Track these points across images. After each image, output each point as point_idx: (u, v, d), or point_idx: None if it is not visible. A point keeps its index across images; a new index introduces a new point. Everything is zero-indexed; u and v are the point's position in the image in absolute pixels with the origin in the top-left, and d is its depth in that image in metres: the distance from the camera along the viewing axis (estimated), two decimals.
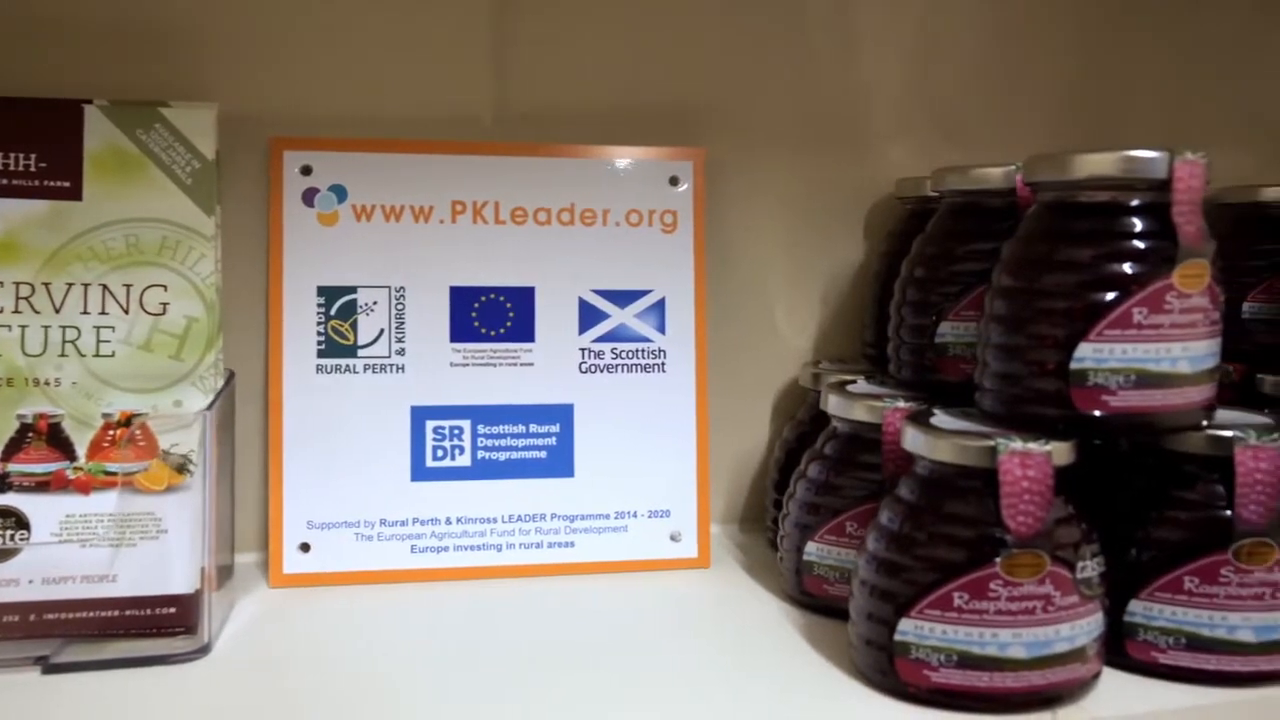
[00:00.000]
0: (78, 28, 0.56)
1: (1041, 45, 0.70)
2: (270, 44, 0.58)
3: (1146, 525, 0.46)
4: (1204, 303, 0.42)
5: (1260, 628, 0.44)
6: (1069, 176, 0.43)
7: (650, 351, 0.60)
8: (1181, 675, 0.45)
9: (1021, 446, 0.41)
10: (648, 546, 0.60)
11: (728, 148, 0.64)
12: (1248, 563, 0.44)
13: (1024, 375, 0.43)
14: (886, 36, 0.67)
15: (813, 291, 0.68)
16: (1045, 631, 0.41)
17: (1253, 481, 0.43)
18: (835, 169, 0.67)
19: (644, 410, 0.60)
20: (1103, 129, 0.72)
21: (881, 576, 0.44)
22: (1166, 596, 0.45)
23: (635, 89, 0.63)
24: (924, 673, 0.42)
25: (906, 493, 0.44)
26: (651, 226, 0.60)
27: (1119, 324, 0.41)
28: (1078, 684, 0.43)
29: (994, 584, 0.41)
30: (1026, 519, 0.41)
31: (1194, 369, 0.42)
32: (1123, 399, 0.41)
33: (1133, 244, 0.42)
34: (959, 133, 0.69)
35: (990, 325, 0.44)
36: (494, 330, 0.58)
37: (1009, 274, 0.44)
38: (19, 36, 0.55)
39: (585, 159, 0.60)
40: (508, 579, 0.58)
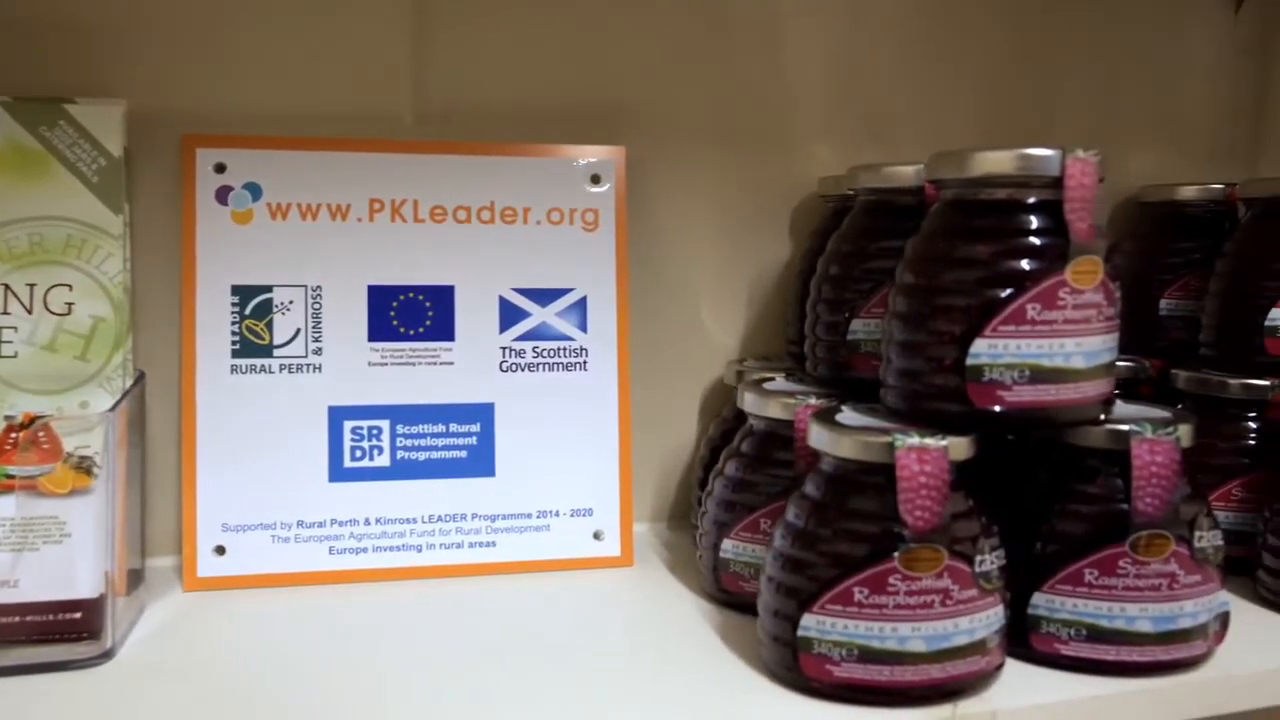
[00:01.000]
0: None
1: (967, 45, 0.71)
2: (184, 39, 0.57)
3: (1048, 519, 0.47)
4: (1098, 299, 0.42)
5: (1158, 618, 0.45)
6: (967, 174, 0.44)
7: (572, 350, 0.60)
8: (1083, 666, 0.46)
9: (918, 442, 0.41)
10: (570, 545, 0.60)
11: (651, 146, 0.64)
12: (1145, 555, 0.45)
13: (924, 371, 0.43)
14: (811, 35, 0.67)
15: (739, 289, 0.68)
16: (944, 625, 0.42)
17: (1149, 475, 0.44)
18: (761, 167, 0.67)
19: (565, 409, 0.60)
20: (1028, 129, 0.73)
21: (786, 573, 0.44)
22: (1067, 589, 0.46)
23: (557, 87, 0.63)
24: (826, 667, 0.42)
25: (812, 489, 0.45)
26: (573, 225, 0.60)
27: (1013, 320, 0.41)
28: (978, 676, 0.43)
29: (893, 579, 0.41)
30: (923, 514, 0.41)
31: (1089, 364, 0.43)
32: (1018, 394, 0.42)
33: (1027, 241, 0.42)
34: (885, 132, 0.70)
35: (893, 322, 0.45)
36: (413, 329, 0.58)
37: (910, 271, 0.44)
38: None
39: (506, 157, 0.60)
40: (428, 580, 0.57)
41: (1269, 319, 0.60)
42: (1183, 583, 0.45)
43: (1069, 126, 0.74)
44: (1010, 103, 0.73)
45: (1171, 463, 0.44)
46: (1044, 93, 0.73)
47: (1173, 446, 0.44)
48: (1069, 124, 0.74)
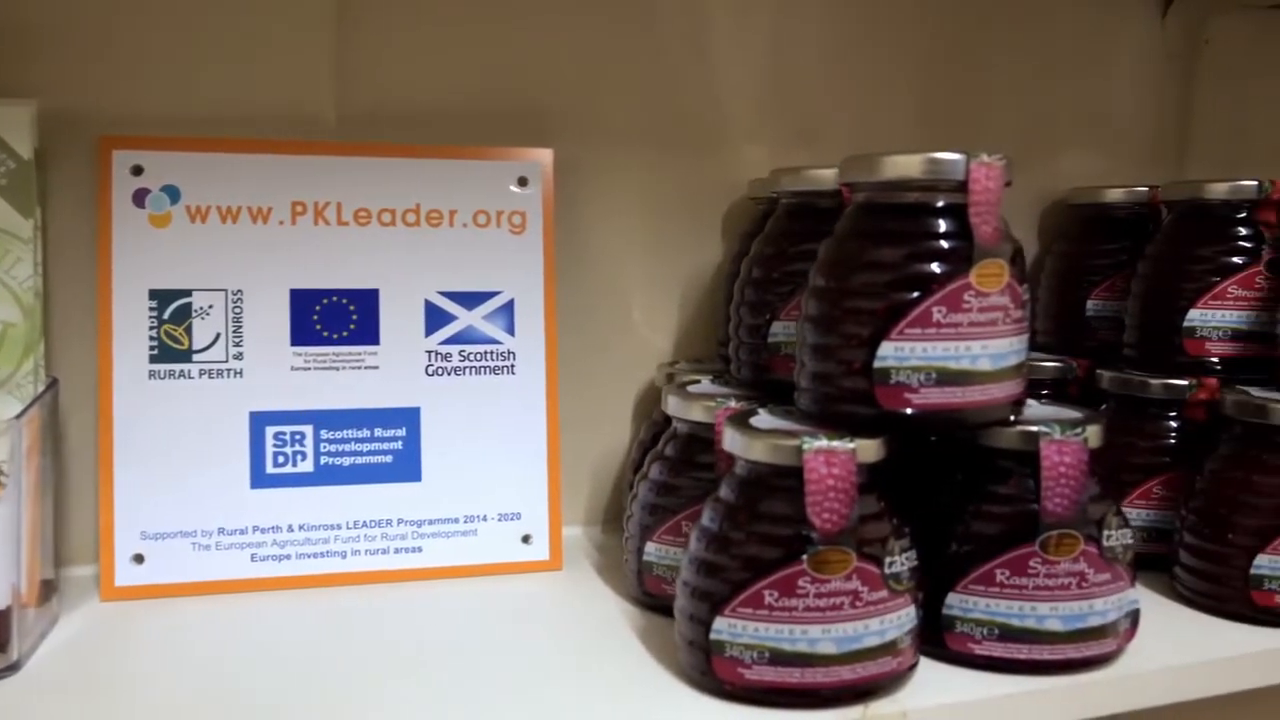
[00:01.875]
0: None
1: (897, 47, 0.72)
2: (99, 39, 0.56)
3: (962, 520, 0.47)
4: (1004, 301, 0.43)
5: (1068, 617, 0.46)
6: (877, 178, 0.44)
7: (499, 354, 0.60)
8: (996, 665, 0.46)
9: (825, 445, 0.41)
10: (498, 550, 0.59)
11: (580, 148, 0.64)
12: (1054, 554, 0.45)
13: (834, 374, 0.44)
14: (740, 37, 0.68)
15: (671, 292, 0.68)
16: (854, 626, 0.42)
17: (1057, 475, 0.45)
18: (692, 169, 0.67)
19: (493, 413, 0.59)
20: (958, 131, 0.74)
21: (700, 577, 0.44)
22: (980, 589, 0.46)
23: (484, 89, 0.62)
24: (739, 670, 0.43)
25: (726, 493, 0.45)
26: (500, 227, 0.60)
27: (919, 323, 0.42)
28: (890, 677, 0.44)
29: (802, 581, 0.42)
30: (831, 516, 0.41)
31: (996, 366, 0.43)
32: (925, 396, 0.42)
33: (934, 244, 0.43)
34: (816, 133, 0.70)
35: (805, 325, 0.45)
36: (337, 333, 0.57)
37: (822, 274, 0.44)
38: None
39: (431, 159, 0.59)
40: (353, 586, 0.57)
41: (1187, 320, 0.61)
42: (1092, 581, 0.46)
43: (999, 129, 0.75)
44: (941, 105, 0.73)
45: (1079, 463, 0.45)
46: (974, 95, 0.74)
47: (1080, 447, 0.45)
48: (999, 126, 0.75)
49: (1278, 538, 0.52)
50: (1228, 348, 0.60)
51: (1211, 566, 0.54)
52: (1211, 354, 0.61)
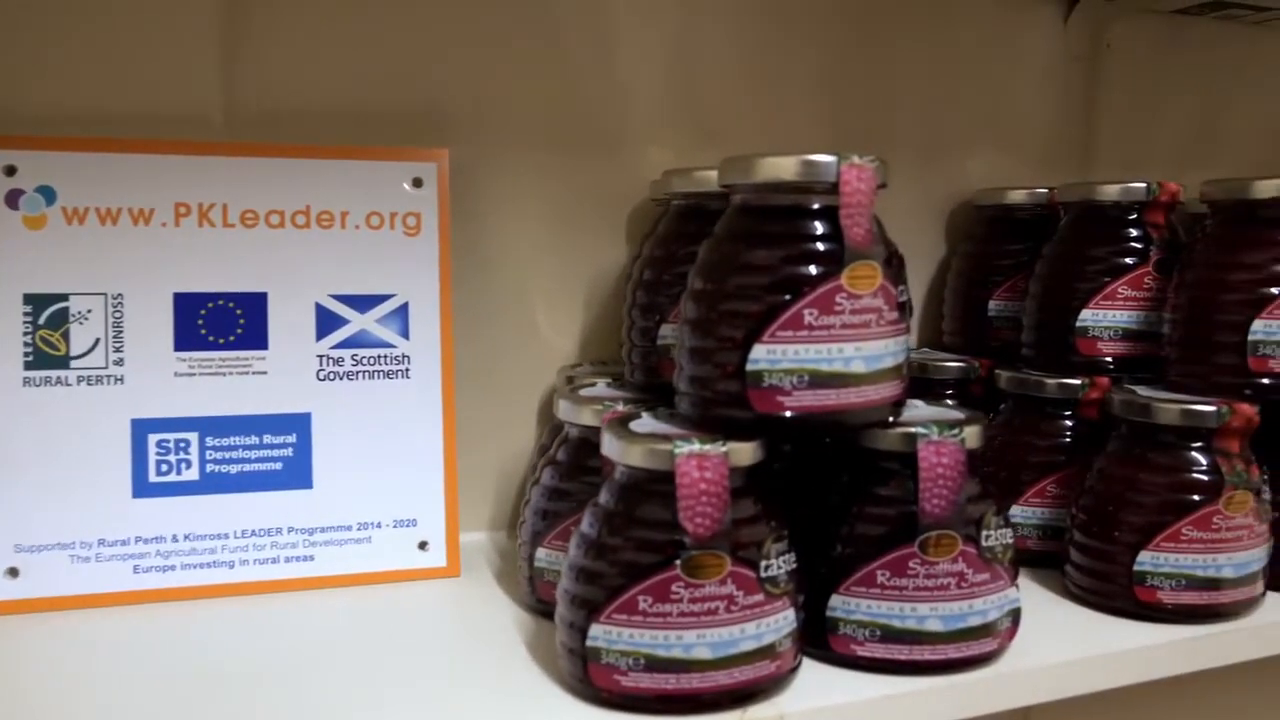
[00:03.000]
0: None
1: (804, 48, 0.72)
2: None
3: (845, 522, 0.47)
4: (877, 304, 0.43)
5: (947, 617, 0.46)
6: (752, 180, 0.44)
7: (393, 357, 0.59)
8: (878, 666, 0.46)
9: (698, 449, 0.41)
10: (394, 557, 0.58)
11: (480, 149, 0.63)
12: (933, 555, 0.45)
13: (710, 378, 0.43)
14: (644, 37, 0.67)
15: (576, 294, 0.67)
16: (730, 631, 0.42)
17: (935, 476, 0.45)
18: (596, 170, 0.67)
19: (387, 418, 0.58)
20: (866, 132, 0.74)
21: (578, 584, 0.43)
22: (862, 590, 0.46)
23: (378, 89, 0.61)
24: (614, 677, 0.42)
25: (605, 498, 0.44)
26: (393, 229, 0.59)
27: (790, 325, 0.41)
28: (769, 680, 0.43)
29: (676, 586, 0.41)
30: (704, 520, 0.41)
31: (870, 368, 0.43)
32: (798, 399, 0.42)
33: (807, 246, 0.42)
34: (721, 134, 0.70)
35: (684, 328, 0.45)
36: (223, 338, 0.56)
37: (699, 276, 0.44)
38: None
39: (322, 160, 0.58)
40: (242, 597, 0.56)
41: (1079, 320, 0.62)
42: (971, 581, 0.46)
43: (907, 130, 0.75)
44: (847, 106, 0.73)
45: (957, 464, 0.45)
46: (881, 97, 0.74)
47: (958, 448, 0.45)
48: (906, 128, 0.75)
49: (1160, 534, 0.53)
50: (1119, 347, 0.61)
51: (1098, 564, 0.55)
52: (1104, 353, 0.62)
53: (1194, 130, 0.85)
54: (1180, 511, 0.52)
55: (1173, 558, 0.53)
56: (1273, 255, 0.54)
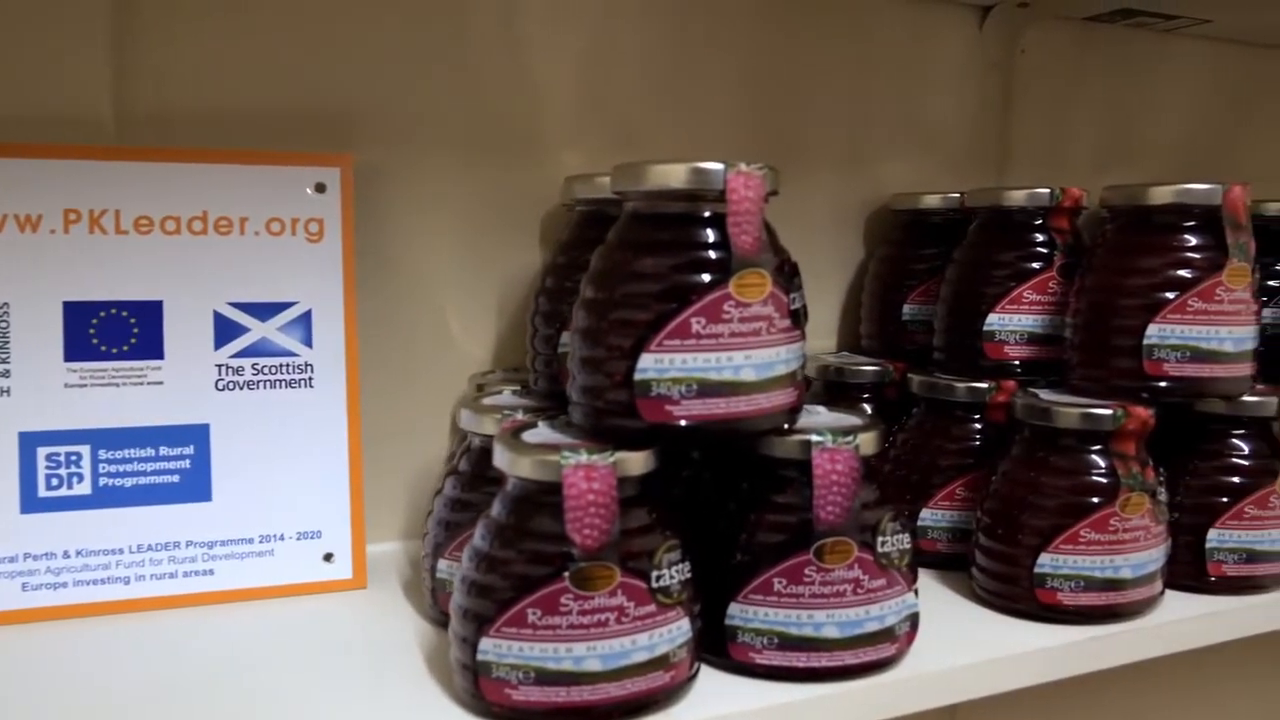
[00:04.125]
0: None
1: (721, 51, 0.72)
2: None
3: (742, 529, 0.47)
4: (767, 311, 0.43)
5: (843, 623, 0.46)
6: (642, 187, 0.44)
7: (296, 366, 0.57)
8: (776, 674, 0.46)
9: (585, 460, 0.41)
10: (298, 570, 0.57)
11: (388, 153, 0.62)
12: (829, 561, 0.45)
13: (601, 388, 0.43)
14: (557, 40, 0.67)
15: (490, 300, 0.67)
16: (621, 642, 0.41)
17: (829, 483, 0.45)
18: (510, 175, 0.66)
19: (290, 427, 0.57)
20: (783, 138, 0.74)
21: (469, 597, 0.43)
22: (759, 598, 0.46)
23: (281, 92, 0.60)
24: (505, 691, 0.42)
25: (496, 510, 0.44)
26: (295, 235, 0.58)
27: (678, 334, 0.41)
28: (663, 691, 0.43)
29: (564, 598, 0.41)
30: (592, 532, 0.40)
31: (761, 376, 0.43)
32: (686, 408, 0.42)
33: (695, 254, 0.42)
34: (638, 139, 0.69)
35: (575, 337, 0.44)
36: (116, 348, 0.54)
37: (590, 285, 0.44)
38: None
39: (219, 165, 0.56)
40: (139, 614, 0.54)
41: (987, 324, 0.62)
42: (867, 587, 0.46)
43: (825, 135, 0.75)
44: (765, 111, 0.73)
45: (851, 470, 0.45)
46: (799, 101, 0.75)
47: (852, 455, 0.45)
48: (825, 132, 0.75)
49: (1059, 537, 0.53)
50: (1025, 351, 0.62)
51: (1001, 567, 0.55)
52: (1011, 357, 0.62)
53: (1108, 135, 0.86)
54: (1078, 514, 0.53)
55: (1071, 559, 0.53)
56: (1167, 260, 0.55)
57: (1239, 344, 0.55)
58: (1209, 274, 0.54)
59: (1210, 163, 0.91)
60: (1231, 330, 0.55)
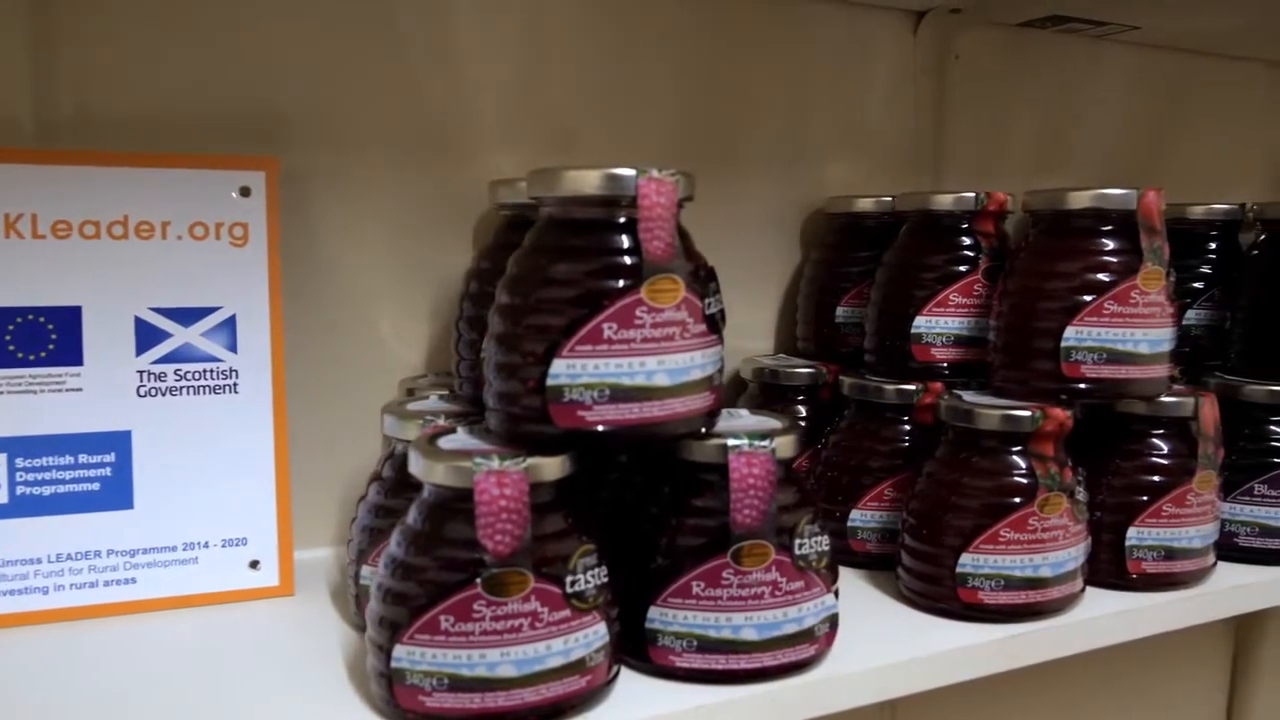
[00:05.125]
0: None
1: (657, 54, 0.72)
2: None
3: (663, 533, 0.47)
4: (680, 316, 0.43)
5: (762, 625, 0.46)
6: (557, 193, 0.44)
7: (220, 372, 0.57)
8: (696, 677, 0.47)
9: (497, 466, 0.41)
10: (223, 577, 0.57)
11: (317, 156, 0.62)
12: (746, 564, 0.46)
13: (516, 393, 0.43)
14: (489, 43, 0.66)
15: (422, 303, 0.66)
16: (535, 648, 0.42)
17: (746, 486, 0.45)
18: (441, 178, 0.66)
19: (215, 434, 0.56)
20: (719, 142, 0.75)
21: (384, 604, 0.43)
22: (678, 601, 0.46)
23: (205, 96, 0.59)
24: (419, 698, 0.41)
25: (412, 517, 0.44)
26: (219, 240, 0.57)
27: (590, 339, 0.41)
28: (579, 696, 0.43)
29: (477, 605, 0.41)
30: (504, 538, 0.40)
31: (674, 381, 0.43)
32: (599, 413, 0.42)
33: (608, 260, 0.42)
34: (571, 143, 0.69)
35: (490, 343, 0.44)
36: (33, 354, 0.54)
37: (505, 290, 0.44)
38: None
39: (141, 168, 0.56)
40: (59, 624, 0.53)
41: (914, 326, 0.63)
42: (785, 589, 0.46)
43: (761, 138, 0.76)
44: (701, 115, 0.74)
45: (767, 474, 0.45)
46: (735, 105, 0.75)
47: (768, 458, 0.46)
48: (761, 136, 0.76)
49: (979, 537, 0.54)
50: (951, 353, 0.63)
51: (925, 567, 0.56)
52: (938, 359, 0.63)
53: (1042, 140, 0.88)
54: (998, 514, 0.54)
55: (992, 559, 0.54)
56: (1084, 264, 0.56)
57: (1154, 346, 0.56)
58: (1125, 278, 0.55)
59: (1141, 166, 0.93)
60: (1146, 333, 0.56)
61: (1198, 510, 0.60)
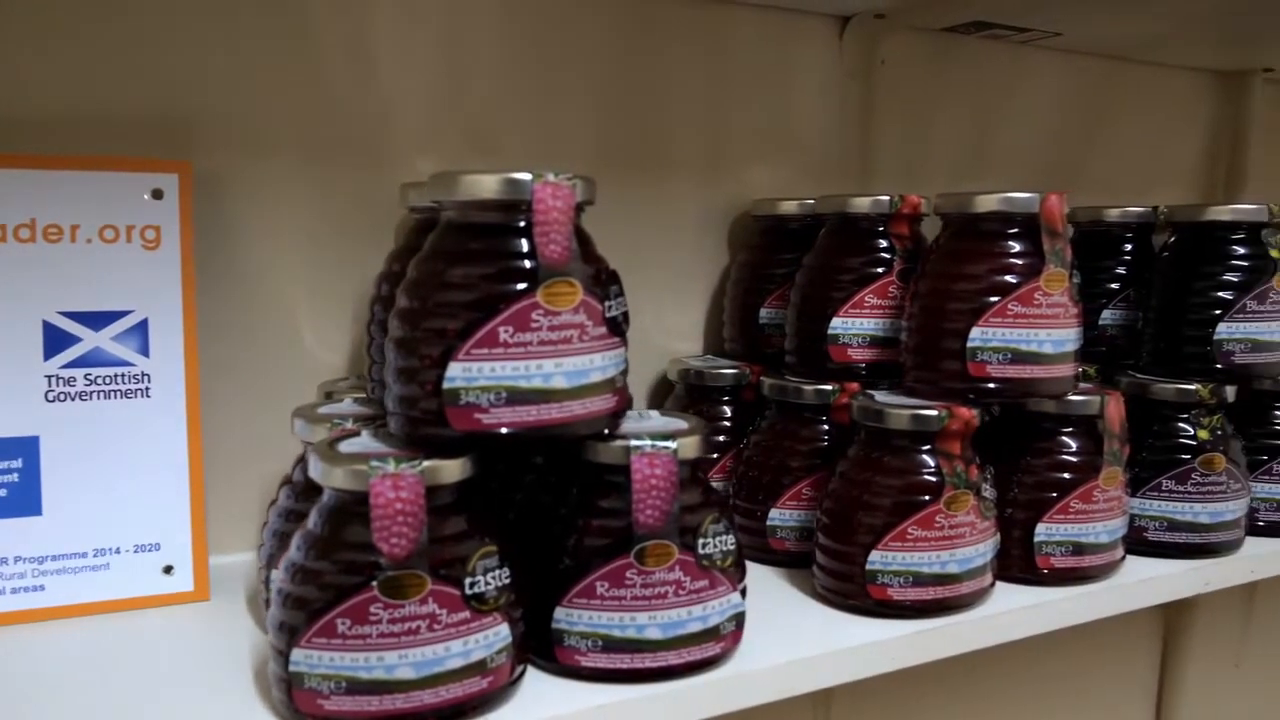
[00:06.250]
0: None
1: (578, 57, 0.72)
2: None
3: (568, 534, 0.48)
4: (579, 320, 0.43)
5: (666, 625, 0.47)
6: (456, 197, 0.44)
7: (131, 376, 0.56)
8: (602, 676, 0.47)
9: (392, 469, 0.41)
10: (136, 583, 0.56)
11: (233, 159, 0.62)
12: (649, 564, 0.46)
13: (415, 397, 0.43)
14: (407, 46, 0.66)
15: (343, 307, 0.66)
16: (434, 650, 0.42)
17: (648, 487, 0.46)
18: (360, 181, 0.66)
19: (126, 439, 0.56)
20: (645, 145, 0.75)
21: (283, 609, 0.43)
22: (583, 602, 0.47)
23: (116, 97, 0.59)
24: (318, 702, 0.42)
25: (312, 521, 0.44)
26: (131, 243, 0.57)
27: (485, 342, 0.42)
28: (480, 697, 0.43)
29: (374, 607, 0.41)
30: (400, 540, 0.41)
31: (573, 384, 0.43)
32: (496, 416, 0.42)
33: (505, 264, 0.43)
34: (492, 145, 0.70)
35: (389, 346, 0.44)
36: None
37: (404, 294, 0.44)
38: None
39: (49, 171, 0.55)
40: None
41: (831, 328, 0.64)
42: (689, 589, 0.47)
43: (687, 142, 0.77)
44: (627, 118, 0.74)
45: (670, 474, 0.46)
46: (661, 110, 0.75)
47: (670, 459, 0.46)
48: (686, 142, 0.77)
49: (888, 534, 0.55)
50: (868, 354, 0.64)
51: (838, 564, 0.57)
52: (855, 360, 0.64)
53: (968, 143, 0.89)
54: (906, 512, 0.55)
55: (900, 556, 0.55)
56: (990, 266, 0.57)
57: (1058, 346, 0.58)
58: (1029, 279, 0.57)
59: (1066, 170, 0.95)
60: (1050, 333, 0.57)
61: (1104, 506, 0.61)
